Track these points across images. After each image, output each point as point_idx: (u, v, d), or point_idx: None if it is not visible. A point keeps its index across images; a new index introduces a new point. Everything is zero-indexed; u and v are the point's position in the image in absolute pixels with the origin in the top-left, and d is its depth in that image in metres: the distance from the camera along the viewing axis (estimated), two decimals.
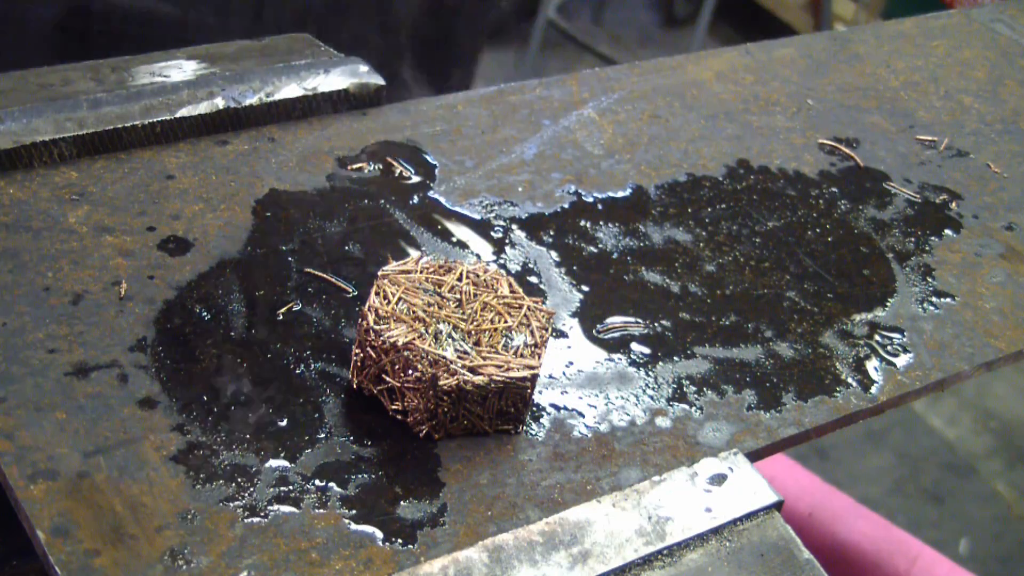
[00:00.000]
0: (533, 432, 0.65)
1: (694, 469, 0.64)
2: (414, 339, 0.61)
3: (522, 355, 0.63)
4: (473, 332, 0.63)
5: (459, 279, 0.66)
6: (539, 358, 0.63)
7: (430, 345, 0.61)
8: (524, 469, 0.63)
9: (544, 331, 0.65)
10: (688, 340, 0.73)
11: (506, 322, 0.64)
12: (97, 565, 0.53)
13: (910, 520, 2.63)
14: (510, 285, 0.67)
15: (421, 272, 0.66)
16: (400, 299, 0.63)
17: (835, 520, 1.44)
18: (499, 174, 0.84)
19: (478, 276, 0.67)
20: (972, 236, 0.88)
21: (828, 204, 0.88)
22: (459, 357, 0.61)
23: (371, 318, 0.62)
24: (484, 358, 0.62)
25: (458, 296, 0.65)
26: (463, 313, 0.64)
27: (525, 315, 0.65)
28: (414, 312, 0.63)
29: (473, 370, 0.61)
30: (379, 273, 0.65)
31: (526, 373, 0.62)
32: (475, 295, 0.65)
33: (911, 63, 1.10)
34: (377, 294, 0.63)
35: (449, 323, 0.63)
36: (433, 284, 0.65)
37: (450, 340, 0.62)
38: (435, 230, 0.78)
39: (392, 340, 0.61)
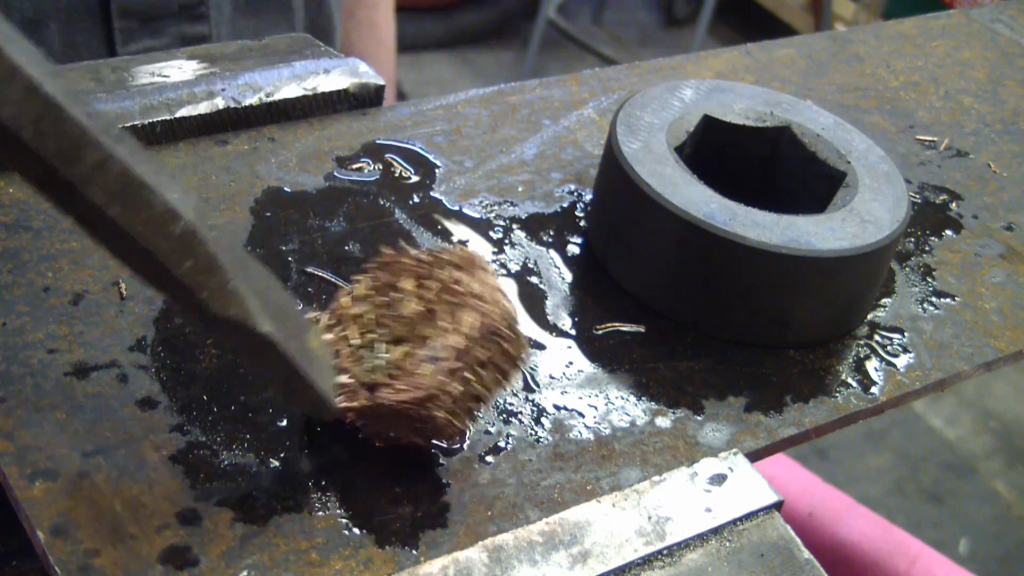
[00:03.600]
0: (533, 432, 0.65)
1: (694, 469, 0.64)
2: (338, 350, 0.59)
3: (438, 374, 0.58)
4: (410, 341, 0.59)
5: (432, 277, 0.61)
6: (443, 377, 0.57)
7: (350, 360, 0.59)
8: (524, 469, 0.63)
9: (490, 344, 0.59)
10: (688, 340, 0.73)
11: (449, 334, 0.58)
12: (97, 565, 0.53)
13: (910, 520, 2.63)
14: (492, 294, 0.60)
15: (406, 265, 0.61)
16: (367, 297, 0.61)
17: (835, 520, 1.44)
18: (499, 174, 0.84)
19: (459, 282, 0.60)
20: (972, 236, 0.88)
21: None
22: (367, 372, 0.58)
23: (324, 318, 0.61)
24: (391, 376, 0.58)
25: (427, 295, 0.60)
26: (417, 317, 0.59)
27: (489, 337, 0.59)
28: (365, 317, 0.60)
29: (372, 388, 0.58)
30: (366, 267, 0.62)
31: (411, 395, 0.57)
32: (444, 299, 0.60)
33: (911, 63, 1.10)
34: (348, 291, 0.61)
35: (390, 329, 0.59)
36: (413, 278, 0.60)
37: (376, 352, 0.59)
38: (435, 230, 0.78)
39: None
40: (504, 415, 0.66)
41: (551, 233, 0.80)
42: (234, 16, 1.11)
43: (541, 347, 0.71)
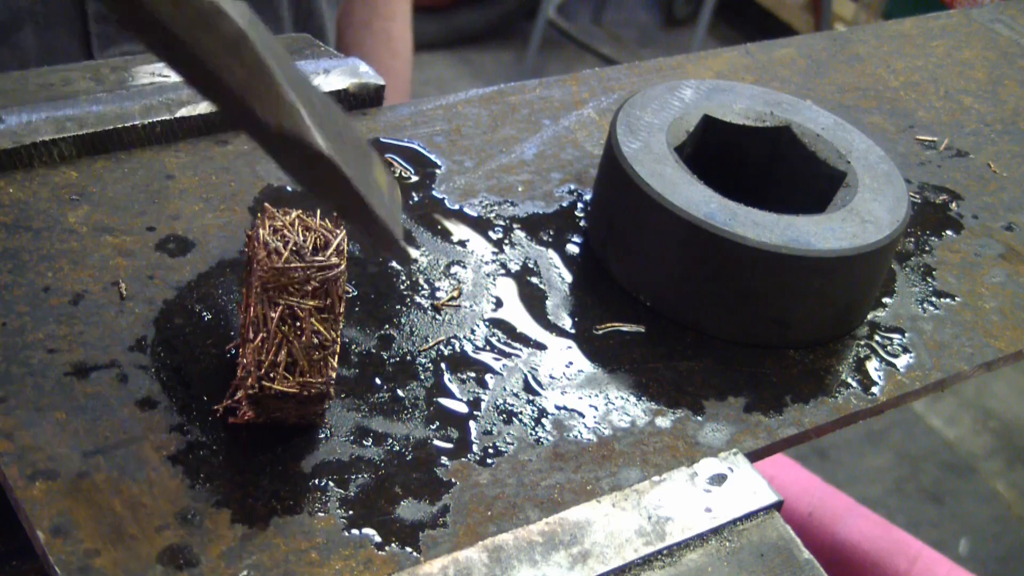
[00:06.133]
0: (533, 432, 0.65)
1: (694, 469, 0.64)
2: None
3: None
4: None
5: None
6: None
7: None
8: (524, 469, 0.63)
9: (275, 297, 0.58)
10: (688, 340, 0.73)
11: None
12: (97, 565, 0.53)
13: (910, 520, 2.63)
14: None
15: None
16: None
17: (835, 520, 1.44)
18: (499, 174, 0.84)
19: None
20: (972, 236, 0.88)
21: None
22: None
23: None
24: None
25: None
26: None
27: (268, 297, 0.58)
28: None
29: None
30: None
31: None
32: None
33: (911, 63, 1.10)
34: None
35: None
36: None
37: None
38: (435, 230, 0.78)
39: None
40: (504, 415, 0.66)
41: (551, 233, 0.80)
42: None
43: (541, 347, 0.71)
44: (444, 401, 0.66)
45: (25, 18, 0.98)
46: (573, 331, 0.73)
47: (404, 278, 0.74)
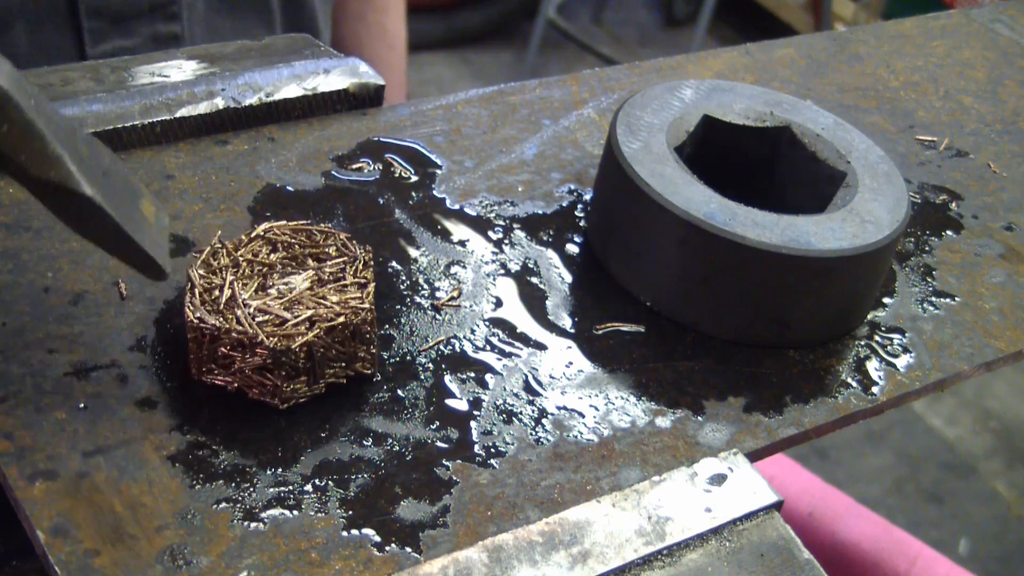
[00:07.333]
0: (533, 432, 0.65)
1: (694, 469, 0.64)
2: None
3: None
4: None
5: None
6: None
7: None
8: (524, 469, 0.63)
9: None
10: (688, 340, 0.73)
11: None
12: (97, 565, 0.53)
13: (910, 520, 2.63)
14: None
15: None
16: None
17: (835, 520, 1.44)
18: (499, 174, 0.84)
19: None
20: (972, 236, 0.88)
21: None
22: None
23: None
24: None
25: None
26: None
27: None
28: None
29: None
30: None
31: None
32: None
33: (911, 63, 1.10)
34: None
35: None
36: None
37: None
38: (435, 230, 0.78)
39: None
40: (504, 415, 0.66)
41: (551, 233, 0.80)
42: (208, 16, 1.10)
43: (541, 347, 0.71)
44: (444, 401, 0.66)
45: (16, 15, 0.98)
46: (573, 331, 0.73)
47: (404, 278, 0.74)
